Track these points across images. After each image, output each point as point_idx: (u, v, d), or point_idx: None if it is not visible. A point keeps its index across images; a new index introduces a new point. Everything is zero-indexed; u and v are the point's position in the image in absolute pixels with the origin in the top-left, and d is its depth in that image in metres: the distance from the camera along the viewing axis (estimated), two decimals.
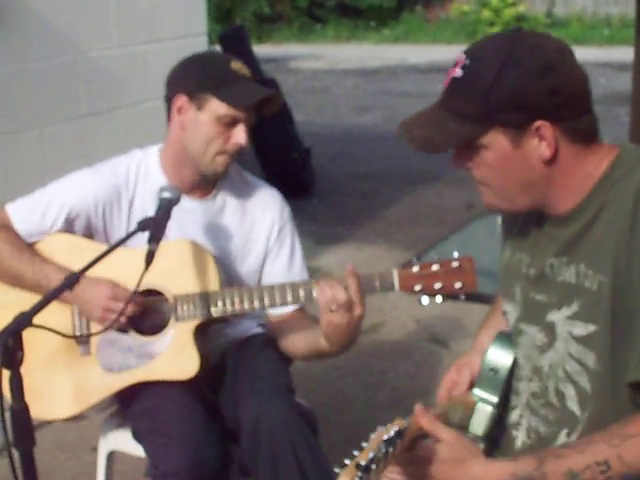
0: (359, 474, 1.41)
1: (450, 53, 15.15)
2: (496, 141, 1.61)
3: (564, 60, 1.62)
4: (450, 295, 2.23)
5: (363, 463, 1.42)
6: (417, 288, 2.23)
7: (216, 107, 2.35)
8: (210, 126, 2.36)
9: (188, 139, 2.41)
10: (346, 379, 3.99)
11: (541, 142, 1.61)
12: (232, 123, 2.36)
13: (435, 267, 2.22)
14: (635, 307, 1.57)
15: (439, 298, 2.23)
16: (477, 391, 1.83)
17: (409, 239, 5.84)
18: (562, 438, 1.71)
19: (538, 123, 1.59)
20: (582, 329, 1.65)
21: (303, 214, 2.62)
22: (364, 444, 1.50)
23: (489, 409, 1.81)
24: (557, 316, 1.71)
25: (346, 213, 6.60)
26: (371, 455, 1.43)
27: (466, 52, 1.65)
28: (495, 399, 1.81)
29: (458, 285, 2.21)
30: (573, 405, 1.69)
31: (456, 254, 2.22)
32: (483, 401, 1.82)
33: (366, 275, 2.23)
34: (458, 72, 1.62)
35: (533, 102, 1.58)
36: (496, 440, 1.86)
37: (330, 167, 7.72)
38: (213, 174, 2.44)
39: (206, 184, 2.49)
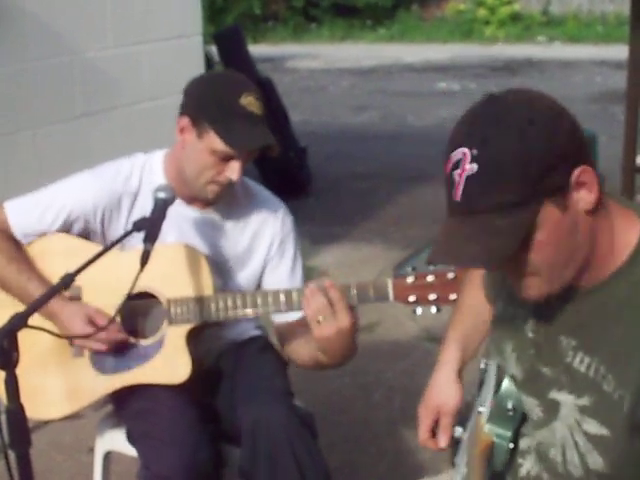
0: None
1: (446, 52, 15.20)
2: (549, 214, 1.42)
3: (555, 101, 1.47)
4: (445, 305, 2.21)
5: None
6: (411, 299, 2.21)
7: (213, 141, 2.30)
8: (205, 156, 2.33)
9: (185, 161, 2.39)
10: (343, 378, 3.98)
11: (581, 191, 1.44)
12: (228, 158, 2.32)
13: (430, 278, 2.20)
14: None
15: (434, 308, 2.21)
16: (492, 427, 1.70)
17: (406, 238, 5.83)
18: None
19: (578, 170, 1.42)
20: (594, 428, 1.53)
21: (299, 213, 2.61)
22: None
23: (505, 445, 1.70)
24: (564, 398, 1.58)
25: (342, 212, 6.59)
26: None
27: (463, 145, 1.44)
28: (509, 434, 1.70)
29: (453, 297, 2.19)
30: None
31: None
32: (499, 437, 1.70)
33: (360, 284, 2.22)
34: (471, 168, 1.42)
35: (565, 150, 1.42)
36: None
37: (326, 166, 7.72)
38: (204, 199, 2.42)
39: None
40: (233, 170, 2.33)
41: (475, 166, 1.41)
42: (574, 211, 1.45)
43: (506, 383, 1.70)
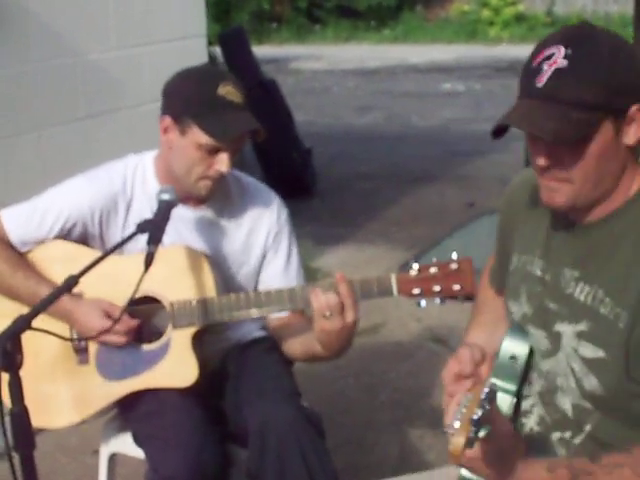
0: (474, 429, 1.43)
1: (450, 53, 15.19)
2: (605, 129, 1.59)
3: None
4: (449, 297, 2.22)
5: (476, 417, 1.43)
6: (416, 292, 2.21)
7: (197, 135, 2.30)
8: (192, 152, 2.32)
9: (173, 160, 2.39)
10: (347, 380, 3.98)
11: (631, 127, 1.61)
12: (215, 151, 2.31)
13: (433, 270, 2.20)
14: None
15: (437, 300, 2.22)
16: (495, 380, 1.80)
17: (410, 239, 5.83)
18: (566, 435, 1.73)
19: (636, 106, 1.59)
20: (590, 351, 1.66)
21: (304, 214, 2.62)
22: (465, 401, 1.49)
23: (509, 398, 1.80)
24: (565, 329, 1.72)
25: (347, 213, 6.59)
26: (480, 412, 1.44)
27: (560, 42, 1.60)
28: (514, 387, 1.80)
29: (457, 287, 2.19)
30: (570, 414, 1.72)
31: (455, 255, 2.20)
32: (503, 390, 1.79)
33: (364, 280, 2.22)
34: (562, 62, 1.57)
35: (637, 84, 1.60)
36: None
37: (330, 167, 7.72)
38: (197, 195, 2.41)
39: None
40: (222, 162, 2.32)
41: (566, 62, 1.57)
42: (622, 141, 1.61)
43: (507, 339, 1.81)
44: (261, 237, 2.52)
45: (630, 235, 1.63)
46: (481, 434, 1.45)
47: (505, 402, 1.79)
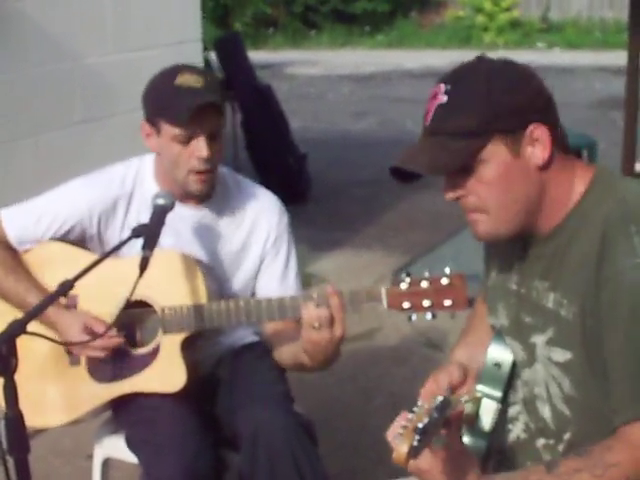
0: (417, 437, 1.44)
1: (445, 58, 15.18)
2: (497, 152, 1.64)
3: (532, 71, 1.71)
4: (440, 312, 2.18)
5: (421, 426, 1.44)
6: (405, 306, 2.18)
7: (168, 130, 2.33)
8: (171, 148, 2.34)
9: (163, 161, 2.42)
10: (343, 384, 3.98)
11: (535, 147, 1.65)
12: (189, 139, 2.32)
13: (424, 284, 2.16)
14: (603, 340, 1.61)
15: (429, 315, 2.18)
16: (481, 387, 1.84)
17: (405, 244, 5.83)
18: (550, 442, 1.75)
19: (533, 126, 1.63)
20: (560, 355, 1.71)
21: (299, 220, 2.61)
22: (415, 409, 1.53)
23: (494, 405, 1.83)
24: (537, 339, 1.76)
25: (342, 219, 6.59)
26: (426, 420, 1.45)
27: (442, 81, 1.68)
28: (499, 394, 1.83)
29: (448, 303, 2.15)
30: (550, 422, 1.75)
31: (448, 270, 2.15)
32: (488, 397, 1.83)
33: (354, 292, 2.21)
34: (442, 98, 1.66)
35: (524, 104, 1.64)
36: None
37: (326, 173, 7.72)
38: (194, 193, 2.41)
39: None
40: (199, 148, 2.32)
41: (445, 97, 1.66)
42: (526, 162, 1.65)
43: (491, 346, 1.85)
44: (260, 240, 2.52)
45: (576, 241, 1.68)
46: (435, 445, 1.47)
47: (490, 408, 1.82)
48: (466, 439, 1.82)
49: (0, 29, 3.48)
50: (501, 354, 1.85)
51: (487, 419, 1.83)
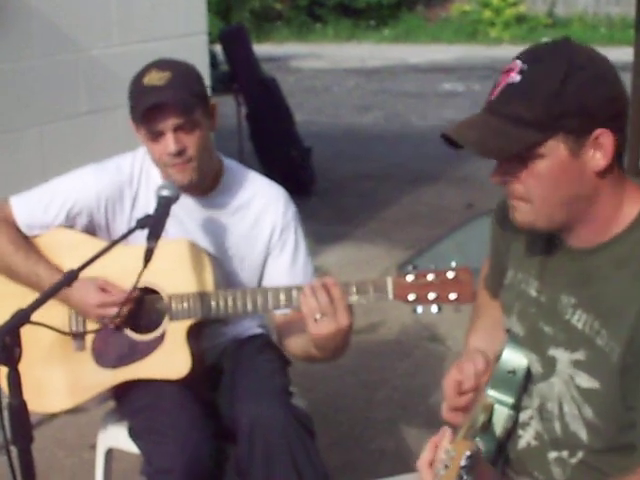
0: None
1: (450, 53, 15.20)
2: (555, 150, 1.55)
3: (616, 72, 1.61)
4: (445, 305, 2.18)
5: None
6: (411, 298, 2.17)
7: (138, 129, 2.39)
8: (147, 145, 2.39)
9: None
10: (345, 378, 3.98)
11: (597, 152, 1.56)
12: (158, 135, 2.34)
13: (430, 276, 2.16)
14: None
15: (434, 308, 2.18)
16: (492, 392, 1.78)
17: (409, 239, 5.84)
18: (564, 455, 1.70)
19: (599, 131, 1.55)
20: (586, 381, 1.63)
21: (303, 213, 2.61)
22: (443, 456, 1.49)
23: (506, 411, 1.78)
24: (561, 355, 1.69)
25: (346, 212, 6.60)
26: None
27: (521, 58, 1.59)
28: (511, 400, 1.78)
29: (453, 296, 2.15)
30: (562, 439, 1.69)
31: (454, 264, 2.15)
32: (500, 403, 1.78)
33: (360, 283, 2.21)
34: (515, 77, 1.56)
35: (596, 108, 1.54)
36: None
37: (330, 166, 7.72)
38: (180, 183, 2.37)
39: (202, 184, 2.48)
40: (166, 144, 2.34)
41: (518, 78, 1.57)
42: (584, 164, 1.57)
43: (506, 351, 1.78)
44: (266, 231, 2.51)
45: (629, 265, 1.59)
46: None
47: (502, 415, 1.78)
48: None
49: (5, 20, 3.48)
50: (516, 360, 1.79)
51: (498, 425, 1.78)
